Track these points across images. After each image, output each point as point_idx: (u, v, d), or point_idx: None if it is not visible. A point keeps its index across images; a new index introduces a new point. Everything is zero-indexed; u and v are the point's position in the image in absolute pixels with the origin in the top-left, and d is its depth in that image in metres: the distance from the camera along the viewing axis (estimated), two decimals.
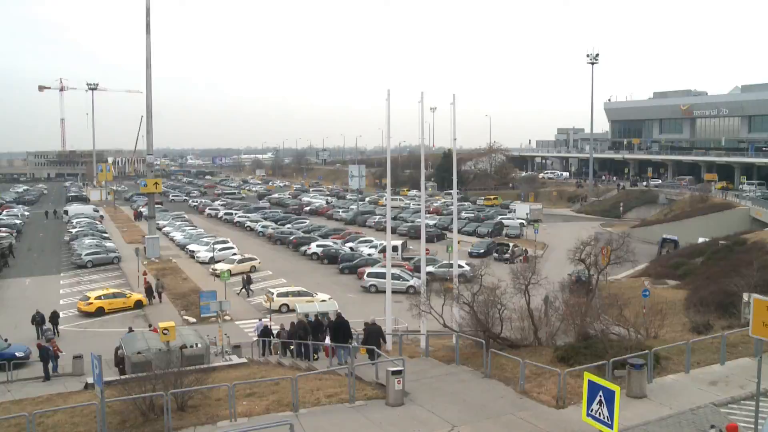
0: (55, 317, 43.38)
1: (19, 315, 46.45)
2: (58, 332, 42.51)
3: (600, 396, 13.02)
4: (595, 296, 31.15)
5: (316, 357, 30.97)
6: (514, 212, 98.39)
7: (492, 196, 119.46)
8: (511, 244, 69.48)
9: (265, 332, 37.45)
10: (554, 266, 47.33)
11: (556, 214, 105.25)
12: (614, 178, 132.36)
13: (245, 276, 55.74)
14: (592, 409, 13.23)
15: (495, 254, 66.61)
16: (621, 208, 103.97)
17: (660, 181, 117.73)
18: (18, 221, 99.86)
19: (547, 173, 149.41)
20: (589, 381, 13.41)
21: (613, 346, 22.41)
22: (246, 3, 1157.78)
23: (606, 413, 12.86)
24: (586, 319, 25.55)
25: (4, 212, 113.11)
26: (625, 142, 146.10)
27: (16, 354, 36.14)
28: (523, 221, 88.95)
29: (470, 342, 26.59)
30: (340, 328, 30.22)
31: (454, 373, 23.62)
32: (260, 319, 43.46)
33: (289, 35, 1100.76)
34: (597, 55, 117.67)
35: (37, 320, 42.47)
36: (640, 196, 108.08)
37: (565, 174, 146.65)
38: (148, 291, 51.63)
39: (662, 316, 28.83)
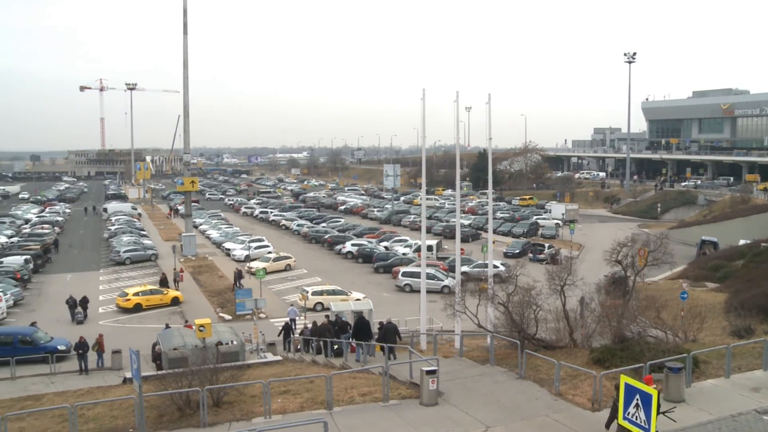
0: (84, 302, 46.68)
1: (60, 309, 47.38)
2: (86, 315, 46.35)
3: (637, 399, 12.85)
4: (632, 298, 30.74)
5: (339, 353, 31.69)
6: (550, 212, 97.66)
7: (527, 196, 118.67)
8: (546, 245, 68.93)
9: (287, 328, 38.35)
10: (590, 267, 46.85)
11: (592, 215, 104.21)
12: (646, 178, 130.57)
13: (237, 270, 56.28)
14: (629, 413, 13.06)
15: (530, 255, 66.15)
16: (658, 209, 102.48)
17: (699, 182, 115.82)
18: (60, 218, 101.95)
19: (583, 173, 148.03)
20: (625, 384, 13.24)
21: (650, 348, 22.11)
22: (282, 3, 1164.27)
23: (643, 417, 12.69)
24: (623, 321, 25.29)
25: (47, 209, 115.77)
26: (663, 142, 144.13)
27: (58, 347, 37.13)
28: (559, 221, 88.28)
29: (505, 342, 26.46)
30: (361, 328, 30.97)
31: (489, 373, 23.50)
32: (291, 305, 44.34)
33: (325, 35, 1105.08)
34: (634, 53, 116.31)
35: (70, 304, 46.41)
36: (678, 197, 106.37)
37: (602, 174, 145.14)
38: (163, 282, 53.61)
39: (701, 319, 28.42)
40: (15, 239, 79.61)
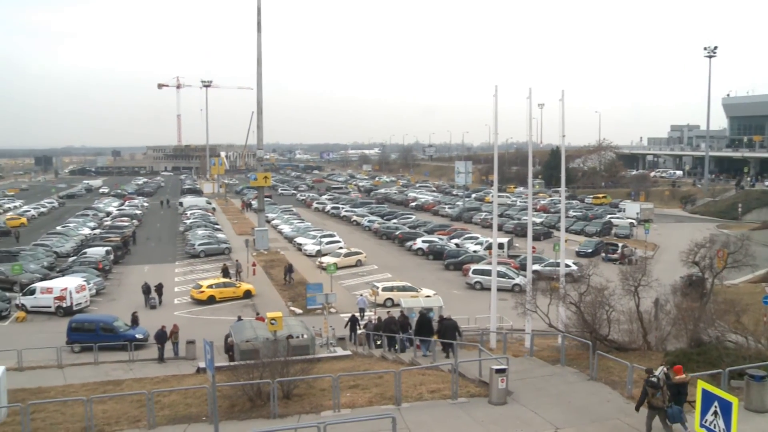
0: (159, 288, 49.76)
1: (137, 298, 49.04)
2: (161, 301, 49.14)
3: (715, 407, 12.45)
4: (710, 301, 29.87)
5: (402, 348, 32.30)
6: (624, 211, 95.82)
7: (601, 195, 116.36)
8: (620, 244, 67.52)
9: (353, 321, 39.11)
10: (665, 268, 45.64)
11: (668, 215, 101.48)
12: (726, 177, 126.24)
13: (288, 265, 57.26)
14: (706, 420, 12.68)
15: (603, 254, 64.89)
16: (739, 209, 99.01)
17: None
18: (138, 211, 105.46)
19: (658, 172, 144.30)
20: (703, 390, 12.86)
21: (730, 354, 21.39)
22: (356, 4, 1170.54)
23: (722, 426, 12.27)
24: (700, 325, 24.58)
25: (126, 203, 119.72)
26: (744, 140, 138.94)
27: (137, 336, 38.59)
28: (633, 221, 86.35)
29: (576, 343, 26.08)
30: (423, 325, 31.23)
31: (559, 374, 23.21)
32: (361, 294, 44.91)
33: (397, 34, 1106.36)
34: (715, 48, 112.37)
35: (144, 289, 49.40)
36: (761, 197, 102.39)
37: (678, 173, 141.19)
38: (224, 272, 55.69)
39: None
40: (97, 231, 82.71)
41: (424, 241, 70.81)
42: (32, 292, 46.58)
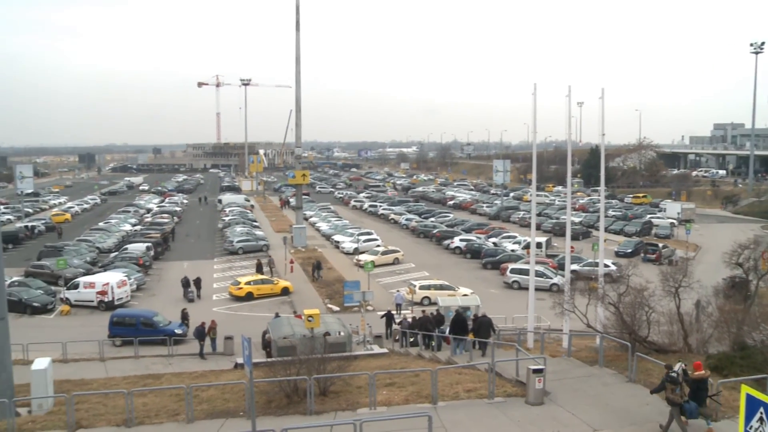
0: (198, 282, 50.82)
1: (178, 294, 49.72)
2: (199, 295, 50.18)
3: (761, 413, 12.13)
4: (754, 303, 29.29)
5: (438, 348, 32.38)
6: (665, 211, 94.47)
7: (641, 194, 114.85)
8: (660, 245, 66.59)
9: (389, 316, 39.49)
10: (707, 269, 44.84)
11: (710, 215, 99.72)
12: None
13: (316, 262, 57.83)
14: (751, 426, 12.36)
15: (643, 254, 64.04)
16: None
17: None
18: (178, 208, 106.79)
19: (700, 171, 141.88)
20: (747, 395, 12.57)
21: None
22: (393, 3, 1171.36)
23: None
24: (744, 328, 24.12)
25: (167, 200, 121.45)
26: None
27: (176, 331, 39.09)
28: (674, 221, 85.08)
29: (614, 344, 25.76)
30: (458, 323, 31.25)
31: (597, 375, 22.95)
32: (398, 290, 45.04)
33: (437, 32, 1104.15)
34: (762, 43, 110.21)
35: (183, 282, 50.50)
36: None
37: (722, 172, 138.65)
38: (258, 267, 56.21)
39: None
40: (138, 228, 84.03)
41: (461, 240, 70.65)
42: (76, 287, 47.58)
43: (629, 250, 65.67)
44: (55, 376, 25.47)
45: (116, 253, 63.69)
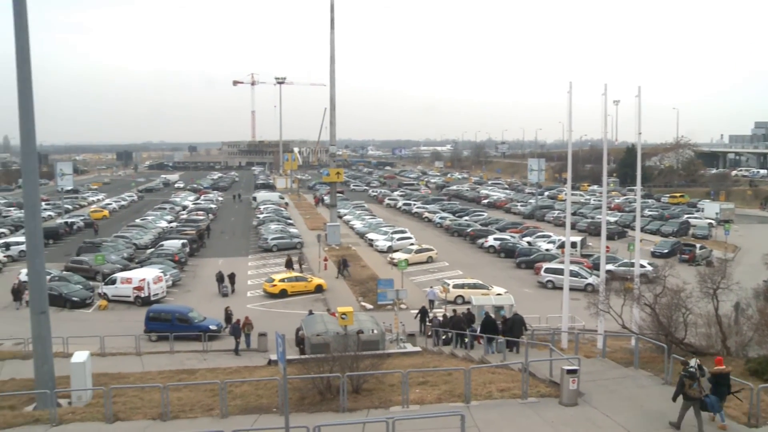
0: (232, 277, 51.66)
1: (213, 290, 50.21)
2: (233, 290, 51.15)
3: None
4: None
5: (471, 347, 32.31)
6: (703, 211, 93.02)
7: (678, 194, 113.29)
8: (697, 245, 65.60)
9: (423, 312, 39.63)
10: (747, 271, 44.03)
11: (751, 215, 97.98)
12: None
13: (342, 259, 57.99)
14: None
15: (680, 255, 63.15)
16: None
17: None
18: (213, 206, 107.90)
19: (740, 171, 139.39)
20: None
21: None
22: (426, 1, 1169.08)
23: None
24: None
25: (202, 197, 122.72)
26: None
27: (210, 327, 39.52)
28: (712, 221, 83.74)
29: (650, 345, 25.49)
30: (488, 324, 31.38)
31: (632, 376, 22.70)
32: (431, 287, 45.02)
33: (469, 31, 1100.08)
34: None
35: (218, 277, 51.46)
36: None
37: (763, 171, 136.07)
38: (288, 263, 57.26)
39: None
40: (174, 224, 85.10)
41: (495, 239, 70.34)
42: (113, 282, 48.35)
43: (666, 251, 64.83)
44: (93, 369, 25.93)
45: (152, 249, 64.56)
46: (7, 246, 63.97)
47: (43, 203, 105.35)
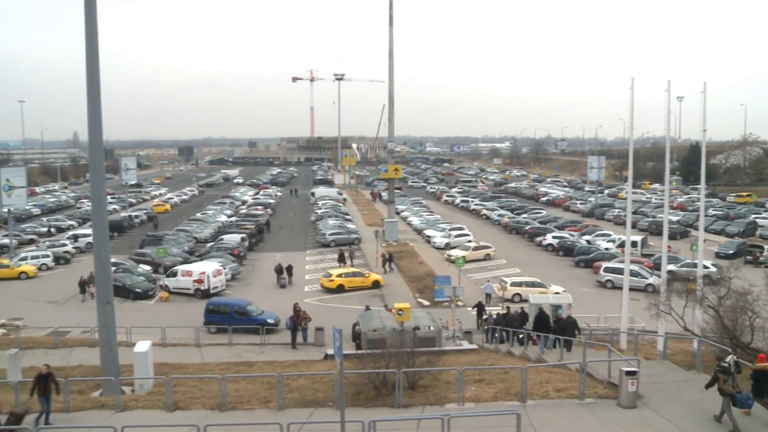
0: (290, 269, 52.96)
1: (271, 284, 50.88)
2: (291, 282, 52.46)
3: None
4: None
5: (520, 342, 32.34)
6: None
7: (745, 193, 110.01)
8: (765, 246, 63.58)
9: (480, 307, 40.13)
10: None
11: None
12: None
13: (387, 254, 58.43)
14: None
15: (746, 256, 61.31)
16: None
17: None
18: (272, 201, 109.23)
19: None
20: None
21: None
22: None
23: None
24: None
25: (261, 192, 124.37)
26: None
27: (268, 321, 40.10)
28: None
29: (713, 349, 24.82)
30: (541, 321, 31.12)
31: (694, 380, 22.13)
32: (488, 281, 45.00)
33: (529, 27, 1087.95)
34: None
35: (277, 270, 52.69)
36: None
37: None
38: (340, 257, 58.41)
39: None
40: (233, 219, 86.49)
41: (554, 237, 69.54)
42: (174, 275, 49.44)
43: (731, 252, 63.05)
44: (154, 359, 26.63)
45: (212, 243, 65.72)
46: (76, 237, 66.12)
47: (108, 197, 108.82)
